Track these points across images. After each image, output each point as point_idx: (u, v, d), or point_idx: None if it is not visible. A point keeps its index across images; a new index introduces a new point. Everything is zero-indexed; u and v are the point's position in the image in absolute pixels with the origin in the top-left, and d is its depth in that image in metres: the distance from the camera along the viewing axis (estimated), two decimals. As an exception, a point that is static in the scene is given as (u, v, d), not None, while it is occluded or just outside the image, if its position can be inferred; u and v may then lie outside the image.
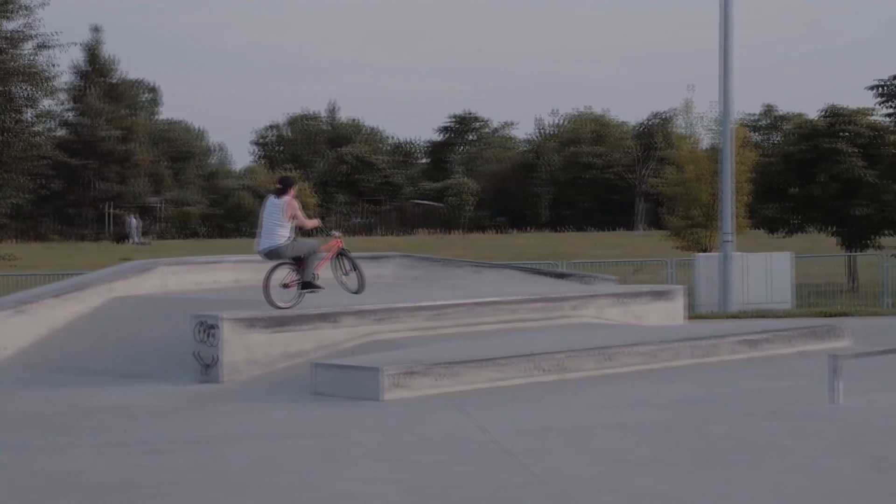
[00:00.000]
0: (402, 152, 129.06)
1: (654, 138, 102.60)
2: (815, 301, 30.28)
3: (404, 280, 23.08)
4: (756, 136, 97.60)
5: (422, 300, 17.46)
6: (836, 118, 43.66)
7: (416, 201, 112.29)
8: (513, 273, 23.39)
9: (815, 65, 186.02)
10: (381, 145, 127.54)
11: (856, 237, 42.95)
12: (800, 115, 74.96)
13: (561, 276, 23.54)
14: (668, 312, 20.43)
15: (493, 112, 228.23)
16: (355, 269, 17.19)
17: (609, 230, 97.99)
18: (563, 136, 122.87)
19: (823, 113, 45.10)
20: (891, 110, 38.00)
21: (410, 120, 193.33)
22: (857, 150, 42.36)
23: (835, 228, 43.88)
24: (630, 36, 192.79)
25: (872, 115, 43.87)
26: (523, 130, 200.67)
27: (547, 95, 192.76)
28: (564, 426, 11.81)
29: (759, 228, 47.30)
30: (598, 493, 9.00)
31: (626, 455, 10.34)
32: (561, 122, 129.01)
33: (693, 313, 25.65)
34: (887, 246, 40.74)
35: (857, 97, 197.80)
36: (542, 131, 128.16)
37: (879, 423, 11.65)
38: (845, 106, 44.81)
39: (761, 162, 46.24)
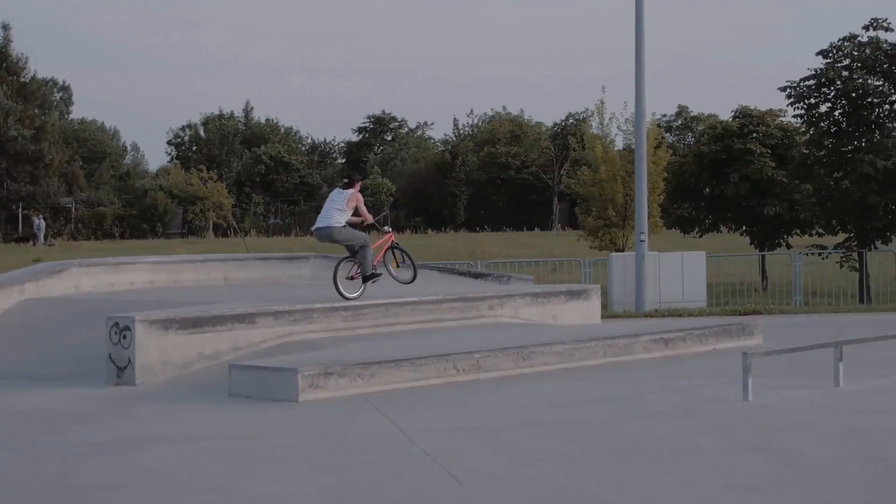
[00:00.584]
0: (319, 152, 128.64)
1: (570, 139, 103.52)
2: (727, 300, 30.71)
3: (322, 281, 22.97)
4: (670, 137, 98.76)
5: (338, 300, 17.42)
6: (748, 119, 44.36)
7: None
8: (430, 273, 23.40)
9: (728, 66, 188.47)
10: (297, 145, 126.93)
11: (767, 236, 43.68)
12: (712, 116, 75.86)
13: (478, 276, 23.60)
14: (584, 312, 20.57)
15: (409, 112, 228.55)
16: (407, 260, 19.08)
17: (526, 230, 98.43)
18: (480, 136, 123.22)
19: (735, 114, 45.77)
20: (800, 111, 38.58)
21: (327, 120, 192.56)
22: (767, 151, 43.07)
23: (746, 228, 44.58)
24: (545, 36, 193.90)
25: (782, 116, 44.60)
26: (440, 131, 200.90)
27: (463, 96, 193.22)
28: (482, 426, 11.85)
29: (673, 228, 47.92)
30: (515, 493, 9.05)
31: (544, 454, 10.40)
32: (477, 122, 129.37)
33: (608, 312, 25.87)
34: (797, 245, 41.43)
35: (768, 98, 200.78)
36: (458, 131, 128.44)
37: (790, 420, 11.85)
38: (756, 107, 45.56)
39: (675, 162, 46.83)
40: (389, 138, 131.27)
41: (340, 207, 17.68)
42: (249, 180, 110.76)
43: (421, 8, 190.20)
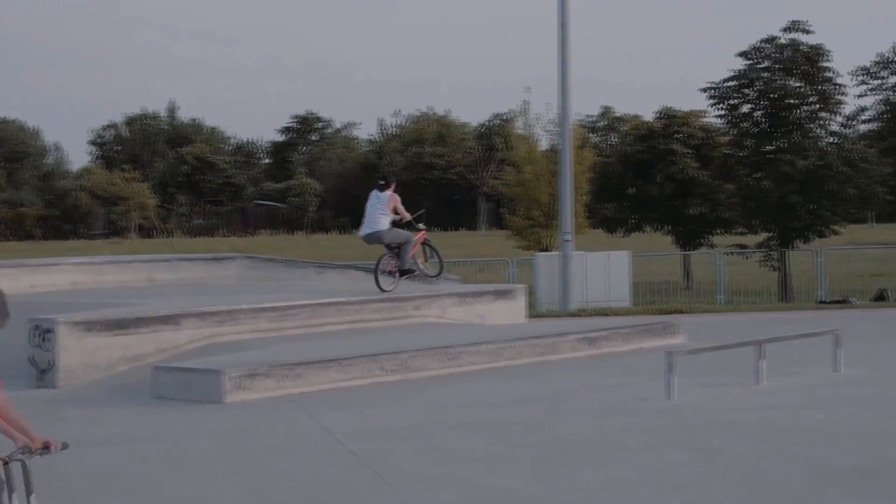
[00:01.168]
0: (244, 152, 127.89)
1: (495, 139, 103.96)
2: (652, 299, 30.99)
3: (247, 282, 22.87)
4: (594, 138, 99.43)
5: (265, 301, 17.33)
6: (671, 120, 44.83)
7: (258, 202, 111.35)
8: (357, 273, 23.36)
9: (652, 67, 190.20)
10: (222, 145, 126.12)
11: (690, 236, 44.16)
12: (636, 116, 76.55)
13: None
14: (510, 311, 20.64)
15: (335, 112, 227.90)
16: (436, 255, 20.13)
17: (452, 230, 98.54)
18: (406, 136, 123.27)
19: (659, 115, 46.21)
20: (722, 112, 39.06)
21: (252, 120, 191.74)
22: (690, 151, 43.53)
23: (670, 227, 45.02)
24: (470, 37, 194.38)
25: (705, 117, 45.11)
26: (366, 131, 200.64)
27: (389, 96, 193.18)
28: (409, 426, 11.86)
29: (598, 228, 48.26)
30: (442, 492, 9.07)
31: (470, 453, 10.44)
32: (403, 122, 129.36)
33: (534, 312, 25.99)
34: (720, 244, 41.92)
35: (691, 99, 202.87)
36: (384, 132, 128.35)
37: (713, 418, 11.99)
38: (679, 108, 46.03)
39: (599, 162, 47.20)
40: (315, 138, 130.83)
41: (383, 211, 18.71)
42: (174, 180, 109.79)
43: (347, 8, 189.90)
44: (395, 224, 18.78)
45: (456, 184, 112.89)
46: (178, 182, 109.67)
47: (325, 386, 14.06)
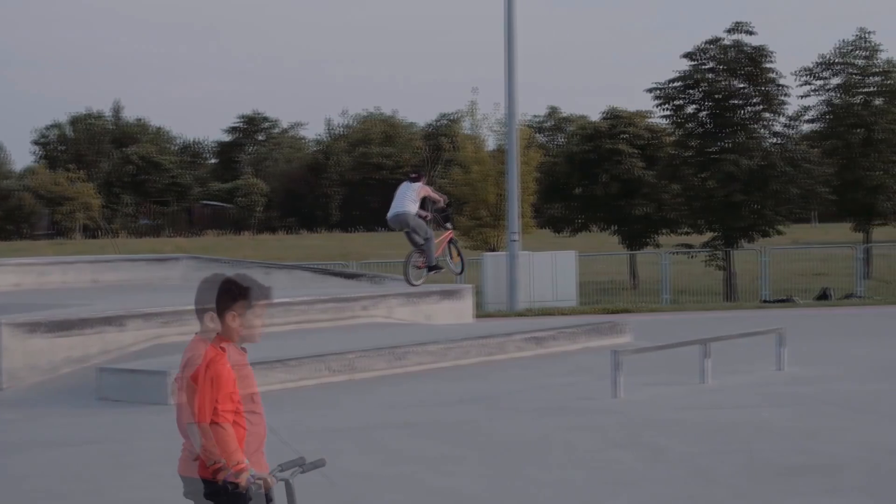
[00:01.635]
0: (190, 152, 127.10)
1: (442, 139, 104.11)
2: (598, 298, 31.12)
3: (193, 282, 22.54)
4: (541, 138, 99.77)
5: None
6: (617, 120, 45.06)
7: (204, 202, 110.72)
8: (303, 274, 23.29)
9: (598, 68, 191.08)
10: (168, 145, 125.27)
11: (636, 236, 44.41)
12: (583, 117, 76.91)
13: (351, 276, 23.56)
14: (457, 311, 20.67)
15: (282, 112, 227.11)
16: (459, 255, 21.01)
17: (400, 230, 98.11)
18: (353, 136, 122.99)
19: (604, 115, 46.44)
20: (667, 113, 39.32)
21: (198, 120, 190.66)
22: (636, 151, 43.79)
23: (617, 227, 45.27)
24: (417, 37, 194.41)
25: (650, 117, 45.39)
26: (313, 131, 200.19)
27: (336, 96, 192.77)
28: (355, 426, 11.84)
29: (545, 228, 48.43)
30: (388, 493, 9.06)
31: (416, 453, 10.44)
32: (350, 122, 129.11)
33: (481, 312, 26.02)
34: (665, 244, 42.19)
35: (637, 100, 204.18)
36: (331, 132, 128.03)
37: (658, 416, 12.06)
38: (625, 108, 46.29)
39: (546, 162, 47.34)
40: (262, 138, 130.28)
41: (413, 198, 19.69)
42: (119, 181, 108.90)
43: (293, 7, 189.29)
44: (422, 219, 19.85)
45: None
46: (123, 182, 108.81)
47: (271, 387, 13.99)
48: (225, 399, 5.44)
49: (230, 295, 5.56)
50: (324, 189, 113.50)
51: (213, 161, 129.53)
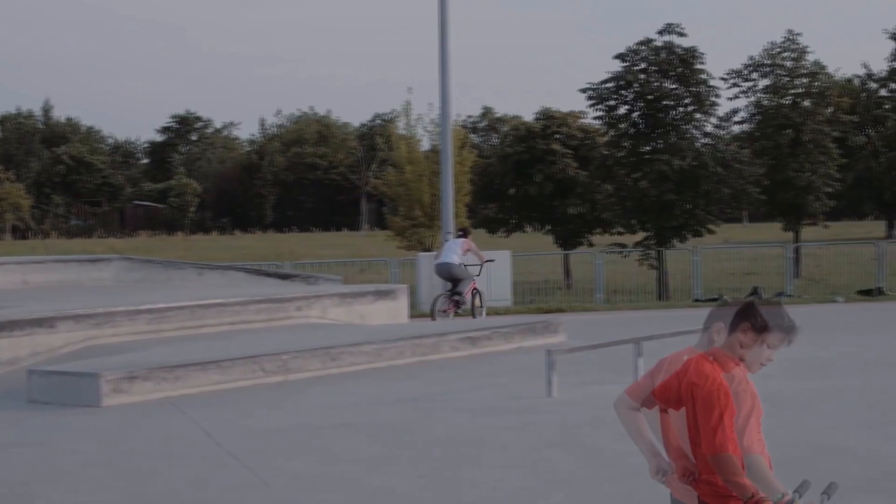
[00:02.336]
0: (122, 152, 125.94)
1: (377, 139, 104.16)
2: (532, 298, 31.24)
3: (125, 283, 22.52)
4: (475, 138, 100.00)
5: (143, 303, 17.09)
6: (550, 121, 45.26)
7: (137, 203, 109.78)
8: (237, 274, 23.16)
9: (533, 68, 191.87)
10: (99, 145, 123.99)
11: (570, 235, 44.64)
12: (517, 117, 77.15)
13: (285, 276, 23.47)
14: (392, 311, 20.65)
15: (215, 112, 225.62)
16: (481, 303, 23.99)
17: (334, 231, 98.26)
18: (287, 136, 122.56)
19: (538, 115, 46.64)
20: (600, 113, 39.58)
21: (130, 119, 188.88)
22: (569, 152, 44.02)
23: (550, 227, 45.48)
24: (352, 37, 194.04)
25: (584, 117, 45.65)
26: (246, 131, 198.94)
27: (270, 96, 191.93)
28: (289, 427, 11.80)
29: (479, 228, 48.52)
30: (323, 494, 9.04)
31: (352, 454, 10.42)
32: (284, 122, 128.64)
33: (416, 312, 26.02)
34: (599, 244, 42.44)
35: (571, 100, 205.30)
36: (265, 132, 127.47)
37: (592, 415, 12.13)
38: (559, 109, 46.53)
39: (480, 163, 47.45)
40: (195, 138, 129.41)
41: (456, 252, 23.19)
42: (49, 181, 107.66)
43: (228, 6, 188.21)
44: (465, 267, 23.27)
45: (338, 184, 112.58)
46: (53, 182, 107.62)
47: (204, 388, 13.92)
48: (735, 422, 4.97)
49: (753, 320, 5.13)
50: (257, 189, 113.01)
51: (145, 161, 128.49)
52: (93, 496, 9.08)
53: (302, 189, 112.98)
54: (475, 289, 23.80)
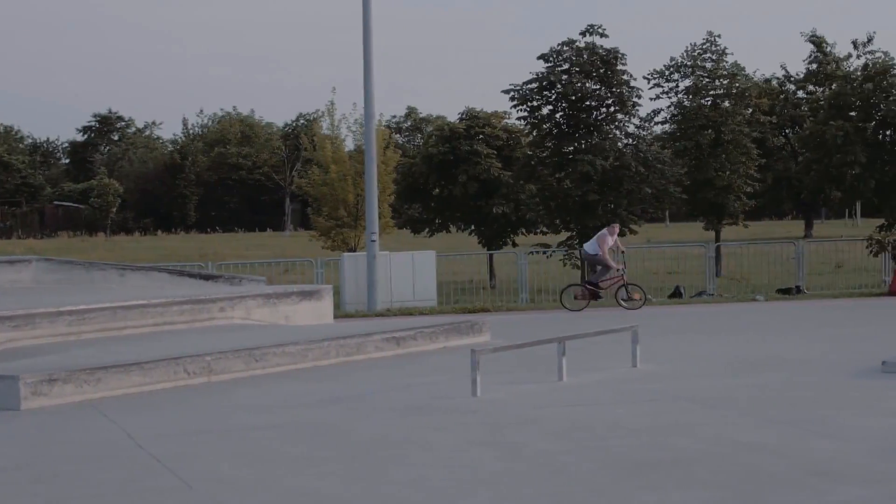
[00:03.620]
0: (42, 152, 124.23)
1: (301, 139, 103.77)
2: (457, 298, 31.29)
3: (45, 285, 22.24)
4: (399, 138, 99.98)
5: (63, 305, 16.88)
6: (474, 121, 45.33)
7: (57, 203, 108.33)
8: (160, 275, 22.96)
9: (456, 69, 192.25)
10: (17, 145, 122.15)
11: (494, 236, 44.75)
12: (440, 117, 77.31)
13: (209, 277, 23.32)
14: (317, 312, 20.61)
15: (136, 112, 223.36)
16: (640, 294, 26.64)
17: (258, 231, 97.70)
18: (210, 136, 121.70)
19: (462, 116, 46.71)
20: (524, 114, 39.71)
21: (50, 119, 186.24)
22: (493, 152, 44.13)
23: (475, 227, 45.57)
24: (275, 36, 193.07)
25: (507, 118, 45.81)
26: (169, 131, 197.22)
27: (192, 95, 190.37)
28: (213, 429, 11.73)
29: (404, 228, 48.51)
30: (248, 496, 9.00)
31: (277, 455, 10.38)
32: (207, 122, 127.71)
33: (341, 312, 26.01)
34: (523, 244, 42.60)
35: (494, 101, 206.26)
36: (188, 131, 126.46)
37: (517, 414, 12.19)
38: (483, 109, 46.65)
39: (404, 163, 47.45)
40: (116, 138, 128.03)
41: (599, 243, 26.69)
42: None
43: (147, 4, 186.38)
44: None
45: (262, 184, 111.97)
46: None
47: (126, 390, 13.80)
48: None
49: None
50: (180, 190, 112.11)
51: (65, 161, 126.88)
52: (13, 501, 8.95)
53: (225, 189, 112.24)
54: (623, 283, 26.50)
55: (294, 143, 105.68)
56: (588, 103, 38.86)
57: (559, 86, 38.71)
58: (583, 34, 39.17)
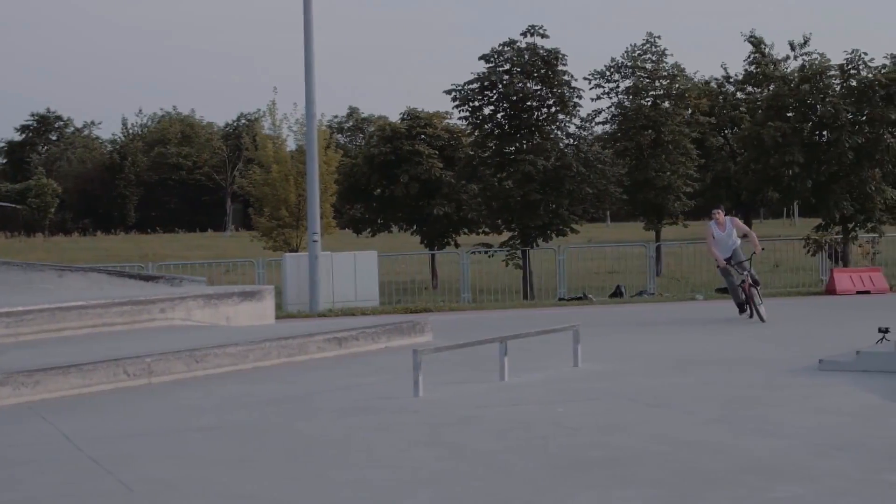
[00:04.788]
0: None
1: (243, 139, 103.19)
2: (399, 298, 31.31)
3: (-19, 286, 21.95)
4: (341, 139, 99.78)
5: (0, 306, 16.68)
6: (416, 121, 45.40)
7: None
8: (99, 276, 22.76)
9: (398, 69, 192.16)
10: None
11: (436, 236, 44.86)
12: (382, 117, 77.21)
13: (149, 278, 23.16)
14: (258, 313, 20.52)
15: (75, 111, 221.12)
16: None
17: (199, 231, 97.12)
18: (150, 136, 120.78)
19: (403, 116, 46.75)
20: (465, 114, 39.82)
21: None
22: (435, 152, 44.22)
23: (417, 227, 45.65)
24: (215, 36, 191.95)
25: (449, 118, 45.91)
26: (108, 130, 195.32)
27: (132, 95, 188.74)
28: (153, 431, 11.64)
29: (346, 228, 48.51)
30: (187, 498, 8.94)
31: (217, 457, 10.32)
32: (147, 122, 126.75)
33: (283, 313, 25.93)
34: (465, 244, 42.70)
35: (437, 101, 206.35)
36: (127, 131, 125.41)
37: (458, 414, 12.21)
38: (424, 109, 46.72)
39: (346, 164, 47.43)
40: (55, 138, 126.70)
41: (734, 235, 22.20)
42: None
43: (84, 2, 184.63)
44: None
45: (203, 184, 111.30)
46: None
47: (65, 392, 13.66)
48: None
49: None
50: (120, 190, 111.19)
51: (2, 161, 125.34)
52: (-52, 505, 8.84)
53: (166, 189, 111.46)
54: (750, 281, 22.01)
55: (235, 143, 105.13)
56: (529, 103, 39.04)
57: (500, 86, 38.85)
58: (524, 35, 39.35)
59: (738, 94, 69.17)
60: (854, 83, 35.73)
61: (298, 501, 8.82)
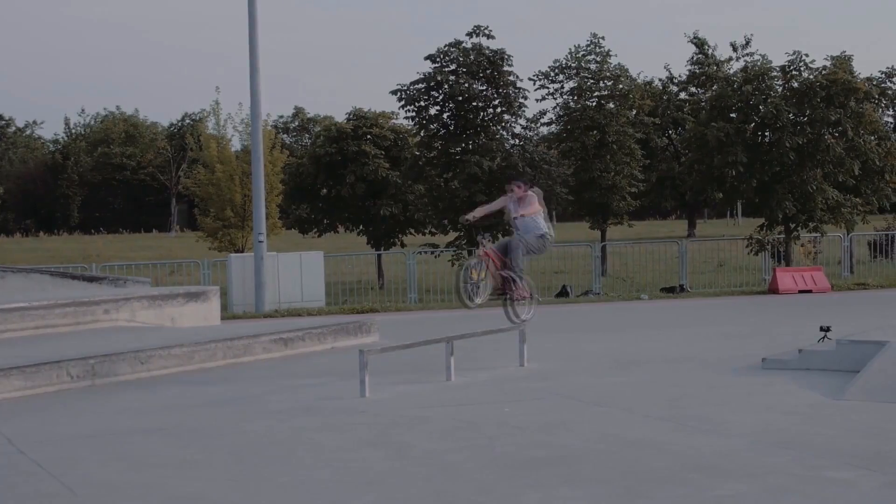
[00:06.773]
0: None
1: (187, 139, 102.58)
2: (346, 298, 31.26)
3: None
4: (287, 139, 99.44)
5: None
6: (362, 121, 45.29)
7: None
8: (41, 277, 22.54)
9: (344, 69, 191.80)
10: None
11: (383, 236, 44.77)
12: (328, 117, 77.07)
13: (92, 279, 22.97)
14: (204, 313, 20.41)
15: (16, 111, 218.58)
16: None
17: (144, 232, 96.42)
18: (93, 136, 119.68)
19: (349, 116, 46.64)
20: (411, 114, 39.80)
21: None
22: (381, 152, 44.15)
23: (363, 228, 45.56)
24: (158, 34, 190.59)
25: (395, 118, 45.85)
26: (50, 130, 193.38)
27: (74, 94, 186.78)
28: (97, 432, 11.55)
29: (292, 229, 48.32)
30: (131, 500, 8.89)
31: (162, 459, 10.27)
32: (90, 122, 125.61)
33: (228, 314, 25.82)
34: (411, 244, 42.69)
35: (382, 101, 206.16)
36: (70, 131, 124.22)
37: (404, 414, 12.22)
38: (371, 109, 46.64)
39: (292, 164, 47.26)
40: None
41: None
42: None
43: (24, 1, 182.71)
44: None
45: (147, 185, 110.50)
46: None
47: (7, 395, 13.53)
48: None
49: None
50: (63, 190, 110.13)
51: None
52: None
53: (109, 190, 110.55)
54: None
55: (180, 143, 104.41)
56: (475, 104, 39.08)
57: (446, 86, 38.86)
58: (469, 35, 39.39)
59: (682, 95, 69.74)
60: (795, 84, 36.10)
61: (245, 502, 8.80)
